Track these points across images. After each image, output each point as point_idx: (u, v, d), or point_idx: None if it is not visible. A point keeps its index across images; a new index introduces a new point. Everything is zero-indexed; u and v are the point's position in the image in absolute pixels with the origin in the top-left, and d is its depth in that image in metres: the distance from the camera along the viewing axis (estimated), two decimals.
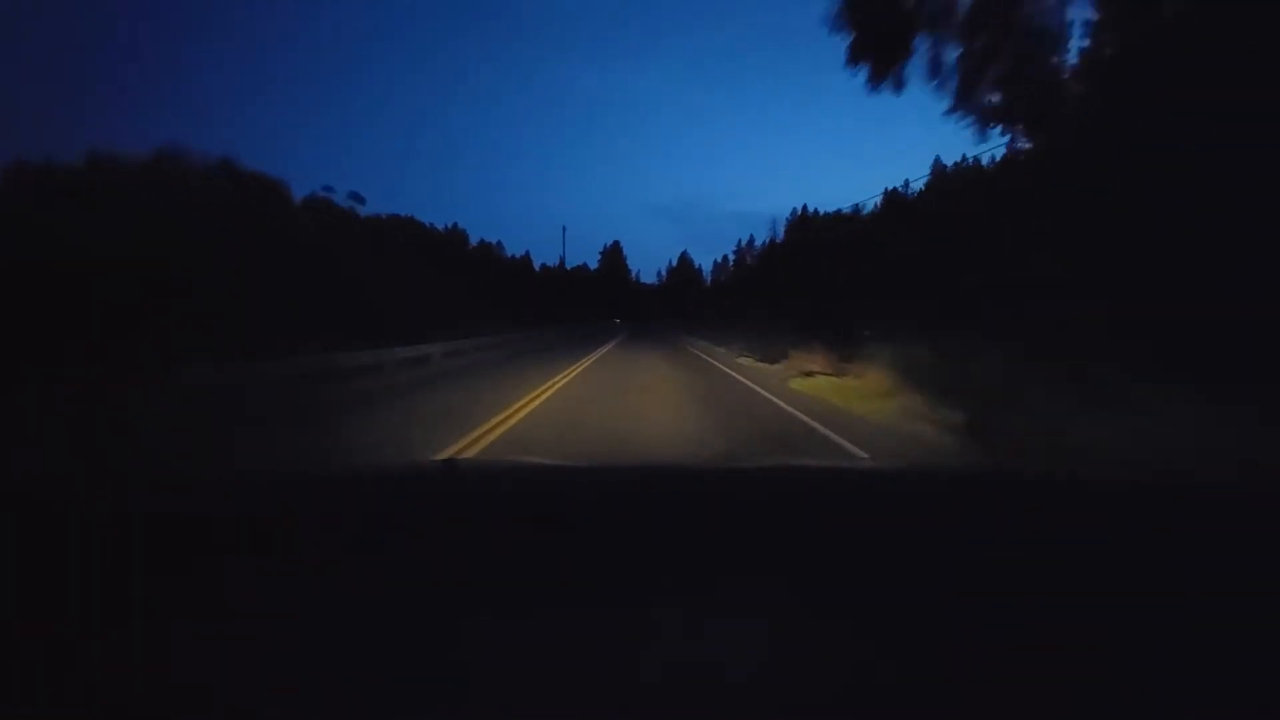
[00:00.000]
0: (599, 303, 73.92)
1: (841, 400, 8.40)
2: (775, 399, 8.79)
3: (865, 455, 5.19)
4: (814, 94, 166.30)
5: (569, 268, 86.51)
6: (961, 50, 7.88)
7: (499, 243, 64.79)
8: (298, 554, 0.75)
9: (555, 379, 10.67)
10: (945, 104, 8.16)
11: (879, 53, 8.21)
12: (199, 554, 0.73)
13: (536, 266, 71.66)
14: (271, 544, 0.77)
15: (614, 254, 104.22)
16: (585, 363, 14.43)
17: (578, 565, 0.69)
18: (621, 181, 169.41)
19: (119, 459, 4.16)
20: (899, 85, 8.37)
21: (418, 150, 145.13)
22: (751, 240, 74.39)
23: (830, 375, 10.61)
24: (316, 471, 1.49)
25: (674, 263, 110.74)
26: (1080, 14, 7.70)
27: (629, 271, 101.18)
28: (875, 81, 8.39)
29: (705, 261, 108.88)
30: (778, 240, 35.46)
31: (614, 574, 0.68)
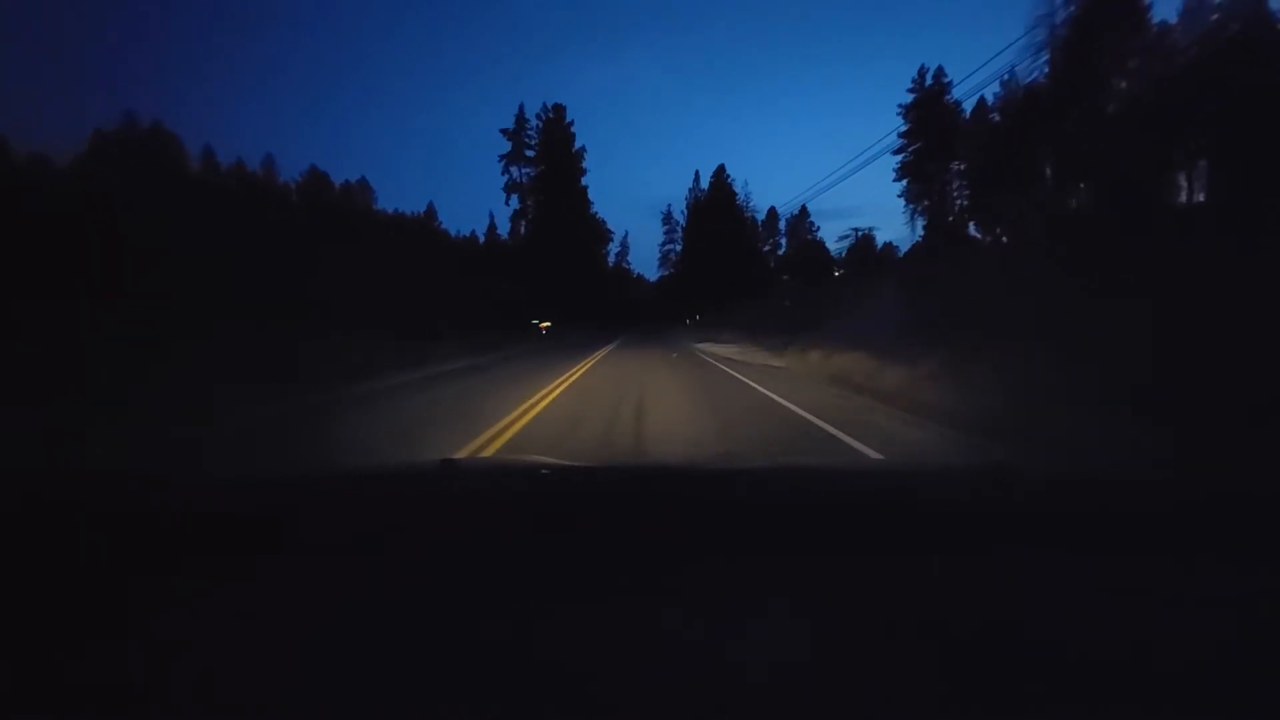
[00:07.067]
0: (541, 294, 32.69)
1: None
2: None
3: None
4: (811, 92, 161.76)
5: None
6: None
7: (361, 179, 41.22)
8: (297, 555, 0.74)
9: None
10: None
11: None
12: (198, 555, 0.71)
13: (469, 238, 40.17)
14: (272, 546, 0.76)
15: (561, 137, 43.44)
16: None
17: (582, 565, 0.69)
18: (614, 178, 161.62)
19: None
20: None
21: (412, 145, 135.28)
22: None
23: None
24: (317, 471, 1.44)
25: (702, 184, 52.36)
26: None
27: (591, 209, 49.19)
28: None
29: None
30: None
31: (620, 574, 0.67)
